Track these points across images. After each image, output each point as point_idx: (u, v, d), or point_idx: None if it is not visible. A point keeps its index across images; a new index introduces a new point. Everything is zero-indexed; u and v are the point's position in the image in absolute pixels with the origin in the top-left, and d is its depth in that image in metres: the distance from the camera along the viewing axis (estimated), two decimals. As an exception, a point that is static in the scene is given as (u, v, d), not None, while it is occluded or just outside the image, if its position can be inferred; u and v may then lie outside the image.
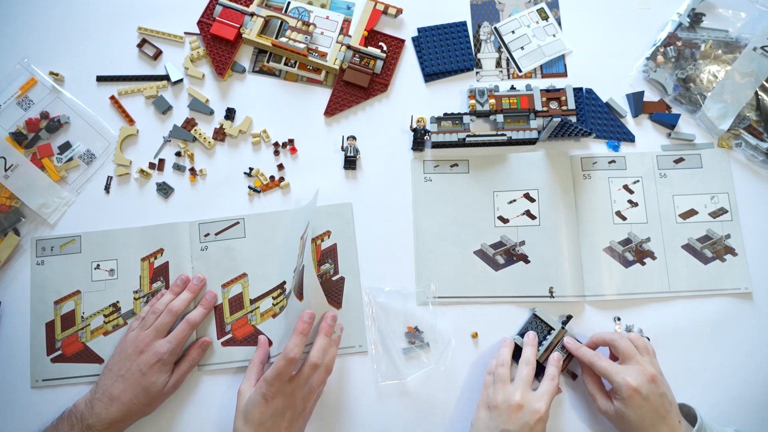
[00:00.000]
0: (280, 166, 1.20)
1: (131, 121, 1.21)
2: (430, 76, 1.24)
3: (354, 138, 1.20)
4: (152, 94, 1.22)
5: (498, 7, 1.28)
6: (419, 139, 1.19)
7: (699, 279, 1.15)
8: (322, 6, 1.27)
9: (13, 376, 1.12)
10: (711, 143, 1.20)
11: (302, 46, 1.20)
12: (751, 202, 1.18)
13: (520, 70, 1.25)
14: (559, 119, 1.10)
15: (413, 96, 1.24)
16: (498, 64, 1.26)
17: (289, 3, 1.27)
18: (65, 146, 1.20)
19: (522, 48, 1.26)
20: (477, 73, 1.25)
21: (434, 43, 1.25)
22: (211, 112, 1.22)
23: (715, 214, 1.17)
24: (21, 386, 1.11)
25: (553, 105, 1.20)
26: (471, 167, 1.20)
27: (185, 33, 1.26)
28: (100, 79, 1.24)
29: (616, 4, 1.28)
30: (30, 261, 1.16)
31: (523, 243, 1.16)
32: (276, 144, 1.21)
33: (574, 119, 1.19)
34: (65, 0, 1.27)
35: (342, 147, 1.19)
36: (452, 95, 1.24)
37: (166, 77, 1.23)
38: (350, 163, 1.19)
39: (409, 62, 1.26)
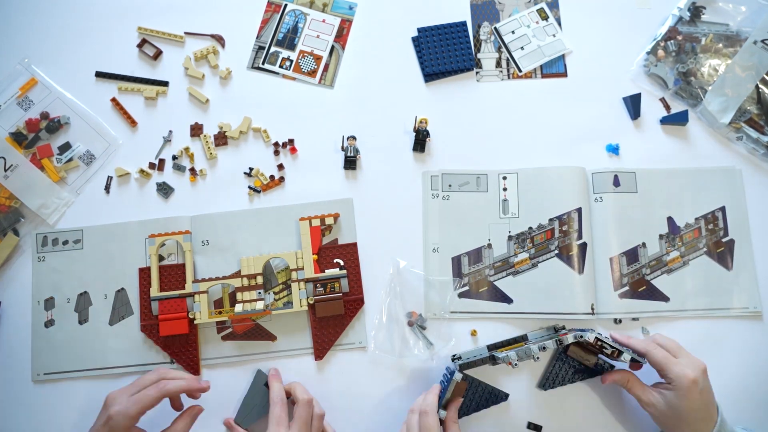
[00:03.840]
0: (280, 166, 1.20)
1: (133, 123, 1.21)
2: (430, 76, 1.24)
3: (354, 138, 1.19)
4: (151, 96, 1.22)
5: (498, 7, 1.29)
6: (421, 140, 1.19)
7: (706, 298, 1.13)
8: (324, 6, 1.27)
9: (14, 371, 1.12)
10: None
11: (261, 306, 1.10)
12: (753, 196, 1.18)
13: (520, 70, 1.25)
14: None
15: (413, 96, 1.24)
16: (498, 64, 1.26)
17: (286, 5, 1.27)
18: (65, 147, 1.20)
19: (522, 48, 1.26)
20: (477, 73, 1.25)
21: (434, 43, 1.25)
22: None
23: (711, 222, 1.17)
24: (22, 381, 1.11)
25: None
26: (489, 183, 1.20)
27: (185, 33, 1.26)
28: (100, 74, 1.24)
29: (616, 4, 1.28)
30: (31, 256, 1.16)
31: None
32: (276, 144, 1.21)
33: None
34: (65, 0, 1.27)
35: (342, 147, 1.19)
36: (452, 95, 1.24)
37: (166, 83, 1.24)
38: (350, 163, 1.19)
39: (409, 62, 1.26)
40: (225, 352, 1.12)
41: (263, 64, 1.25)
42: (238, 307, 1.10)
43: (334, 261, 1.14)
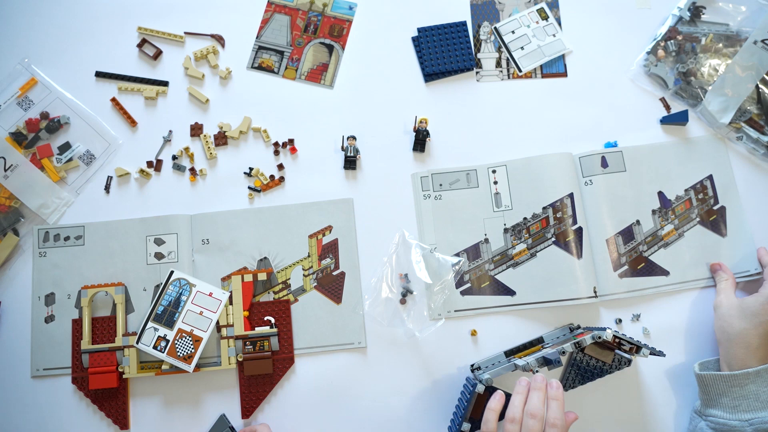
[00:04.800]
0: (280, 166, 1.20)
1: (133, 123, 1.21)
2: (430, 76, 1.24)
3: (354, 138, 1.19)
4: (151, 96, 1.22)
5: (498, 7, 1.28)
6: (421, 140, 1.19)
7: (705, 267, 1.14)
8: (324, 6, 1.27)
9: (13, 367, 1.12)
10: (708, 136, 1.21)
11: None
12: (754, 194, 1.18)
13: (520, 70, 1.25)
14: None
15: (413, 96, 1.24)
16: (498, 64, 1.25)
17: (170, 275, 1.26)
18: (65, 147, 1.20)
19: (522, 48, 1.26)
20: (477, 73, 1.25)
21: (434, 43, 1.25)
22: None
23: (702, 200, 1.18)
24: (22, 377, 1.12)
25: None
26: (479, 179, 1.19)
27: (185, 33, 1.26)
28: (100, 74, 1.24)
29: (616, 4, 1.28)
30: (32, 252, 1.16)
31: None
32: (276, 144, 1.21)
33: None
34: (66, 0, 1.27)
35: (342, 147, 1.19)
36: (452, 95, 1.24)
37: (166, 83, 1.24)
38: (350, 163, 1.19)
39: (409, 62, 1.26)
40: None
41: (137, 343, 1.09)
42: (166, 364, 1.08)
43: (265, 318, 1.13)
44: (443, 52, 1.24)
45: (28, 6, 1.27)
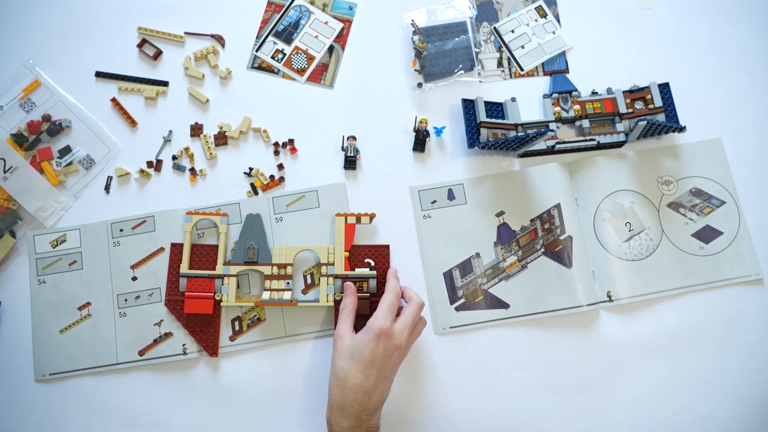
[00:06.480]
0: (280, 166, 1.19)
1: (133, 123, 1.21)
2: (430, 76, 1.24)
3: (354, 138, 1.19)
4: (151, 96, 1.22)
5: (496, 6, 1.28)
6: (421, 140, 1.18)
7: (709, 270, 1.13)
8: (324, 6, 1.27)
9: (14, 369, 1.11)
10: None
11: (288, 296, 1.11)
12: (753, 194, 1.18)
13: (521, 69, 1.24)
14: (644, 122, 1.09)
15: (413, 96, 1.24)
16: (499, 64, 1.25)
17: (292, 1, 1.28)
18: (65, 150, 1.20)
19: (522, 47, 1.26)
20: (479, 74, 1.24)
21: (434, 44, 1.24)
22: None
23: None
24: (24, 378, 1.11)
25: (639, 105, 1.19)
26: (467, 194, 1.19)
27: (185, 33, 1.26)
28: (100, 75, 1.24)
29: (616, 3, 1.28)
30: (29, 260, 1.15)
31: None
32: (276, 144, 1.21)
33: (662, 117, 1.18)
34: (66, 0, 1.28)
35: (342, 147, 1.19)
36: (452, 95, 1.24)
37: (166, 83, 1.24)
38: (350, 163, 1.19)
39: (409, 62, 1.25)
40: (250, 338, 1.13)
41: (257, 51, 1.25)
42: (266, 295, 1.10)
43: (365, 261, 1.14)
44: (443, 52, 1.24)
45: (29, 6, 1.27)
